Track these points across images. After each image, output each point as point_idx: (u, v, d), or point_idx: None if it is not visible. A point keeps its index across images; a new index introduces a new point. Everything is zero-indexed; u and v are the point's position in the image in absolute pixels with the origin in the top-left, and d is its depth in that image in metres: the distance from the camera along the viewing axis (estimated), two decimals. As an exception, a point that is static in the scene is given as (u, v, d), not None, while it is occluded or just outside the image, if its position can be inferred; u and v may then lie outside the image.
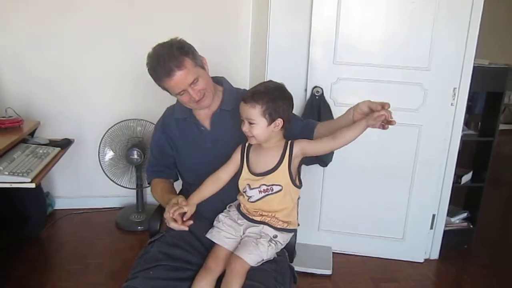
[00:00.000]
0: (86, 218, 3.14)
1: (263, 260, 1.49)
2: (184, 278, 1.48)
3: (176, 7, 2.98)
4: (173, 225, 1.47)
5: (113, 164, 2.95)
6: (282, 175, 1.49)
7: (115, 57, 3.02)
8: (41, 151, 2.39)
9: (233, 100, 1.67)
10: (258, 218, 1.53)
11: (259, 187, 1.50)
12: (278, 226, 1.53)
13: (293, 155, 1.49)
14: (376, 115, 1.38)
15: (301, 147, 1.50)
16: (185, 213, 1.48)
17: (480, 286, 2.56)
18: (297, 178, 1.53)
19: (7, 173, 2.07)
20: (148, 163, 1.88)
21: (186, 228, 1.47)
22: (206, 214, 1.67)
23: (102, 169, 2.93)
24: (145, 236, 2.85)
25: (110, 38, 2.99)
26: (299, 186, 1.54)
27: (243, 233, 1.54)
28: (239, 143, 1.58)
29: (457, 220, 2.91)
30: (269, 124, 1.45)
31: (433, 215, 2.71)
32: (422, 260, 2.75)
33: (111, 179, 2.96)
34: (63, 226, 3.05)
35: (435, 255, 2.79)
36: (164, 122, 1.78)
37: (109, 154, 2.94)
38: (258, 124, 1.45)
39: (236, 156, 1.56)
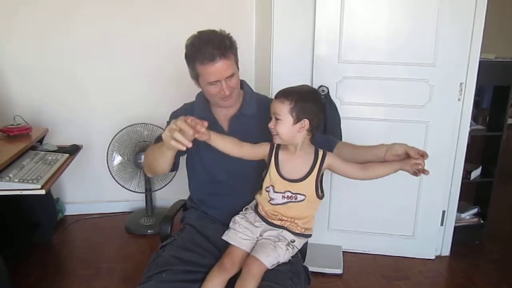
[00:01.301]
0: (96, 223, 3.16)
1: (279, 262, 1.49)
2: (196, 280, 1.48)
3: (180, 12, 3.00)
4: (177, 135, 1.29)
5: (121, 169, 2.96)
6: (309, 186, 1.48)
7: (120, 62, 3.05)
8: (50, 158, 2.41)
9: (253, 105, 1.70)
10: (277, 222, 1.52)
11: (284, 192, 1.48)
12: (297, 231, 1.53)
13: (323, 167, 1.48)
14: (413, 162, 1.42)
15: (332, 162, 1.49)
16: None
17: (492, 282, 2.54)
18: (319, 188, 1.51)
19: (17, 180, 2.08)
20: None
21: (189, 145, 1.30)
22: (219, 217, 1.67)
23: (111, 174, 2.94)
24: (155, 239, 2.88)
25: (115, 44, 3.01)
26: (321, 197, 1.52)
27: (260, 235, 1.54)
28: None
29: (468, 215, 2.89)
30: (295, 123, 1.43)
31: (443, 212, 2.70)
32: (433, 257, 2.74)
33: (120, 184, 2.97)
34: (73, 232, 3.07)
35: (446, 251, 2.78)
36: (182, 113, 1.59)
37: (117, 159, 2.95)
38: (284, 121, 1.42)
39: (264, 147, 1.52)
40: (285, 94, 1.44)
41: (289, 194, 1.48)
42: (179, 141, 1.29)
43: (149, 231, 3.00)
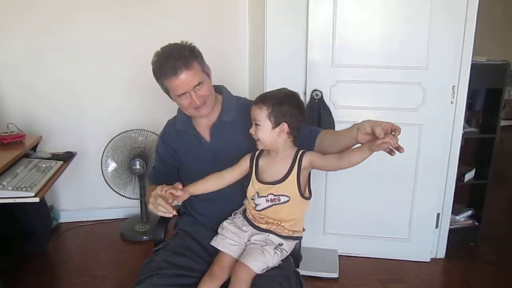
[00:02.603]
0: (91, 230, 3.14)
1: (268, 267, 1.49)
2: (187, 284, 1.49)
3: (173, 20, 2.99)
4: (160, 202, 1.42)
5: (116, 175, 2.96)
6: (290, 186, 1.47)
7: (113, 69, 3.04)
8: (44, 165, 2.39)
9: (232, 110, 1.69)
10: (264, 226, 1.52)
11: (267, 196, 1.49)
12: (284, 234, 1.52)
13: (302, 166, 1.47)
14: (379, 142, 1.28)
15: (310, 160, 1.48)
16: (174, 198, 1.46)
17: (488, 283, 2.55)
18: (306, 189, 1.52)
19: (10, 188, 2.07)
20: (150, 173, 1.89)
21: (173, 213, 1.44)
22: (210, 223, 1.67)
23: (105, 180, 2.93)
24: (151, 245, 2.84)
25: (108, 50, 3.01)
26: (308, 197, 1.52)
27: (248, 240, 1.54)
28: (240, 155, 1.57)
29: (462, 218, 2.90)
30: (274, 127, 1.44)
31: (438, 214, 2.71)
32: (428, 260, 2.74)
33: (114, 190, 2.96)
34: (68, 239, 3.05)
35: (441, 254, 2.78)
36: (166, 134, 1.78)
37: (112, 165, 2.94)
38: (263, 127, 1.44)
39: (245, 162, 1.55)
40: (263, 99, 1.46)
41: (272, 197, 1.48)
42: (164, 212, 1.42)
43: (144, 237, 2.99)
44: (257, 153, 1.55)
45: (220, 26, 3.09)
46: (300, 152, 1.49)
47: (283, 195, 1.47)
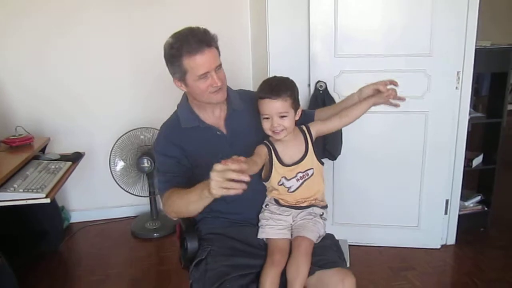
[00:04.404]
0: (102, 229, 3.17)
1: (320, 236, 1.59)
2: (252, 281, 1.49)
3: (175, 16, 2.98)
4: (232, 175, 1.18)
5: (124, 174, 2.98)
6: (311, 159, 1.57)
7: (117, 69, 3.06)
8: (53, 167, 2.42)
9: (238, 100, 1.69)
10: (305, 204, 1.60)
11: (296, 175, 1.56)
12: (321, 205, 1.63)
13: (313, 137, 1.59)
14: (385, 94, 1.57)
15: (317, 129, 1.60)
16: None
17: (499, 268, 2.55)
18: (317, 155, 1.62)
19: (21, 190, 2.10)
20: (161, 181, 1.61)
21: (244, 187, 1.19)
22: (249, 219, 1.65)
23: (114, 179, 2.96)
24: (162, 243, 2.91)
25: (112, 50, 3.02)
26: (323, 163, 1.63)
27: (293, 221, 1.60)
28: (252, 144, 1.56)
29: (471, 203, 2.90)
30: (295, 114, 1.54)
31: (447, 201, 2.71)
32: (439, 246, 2.75)
33: (123, 189, 2.99)
34: (80, 239, 3.09)
35: (451, 240, 2.78)
36: (172, 135, 1.62)
37: (120, 164, 2.97)
38: (289, 117, 1.51)
39: (263, 151, 1.54)
40: (281, 91, 1.49)
41: (301, 175, 1.56)
42: (233, 188, 1.19)
43: (155, 234, 3.02)
44: (268, 142, 1.57)
45: (222, 20, 3.08)
46: (305, 127, 1.61)
47: (309, 169, 1.57)
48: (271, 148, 1.56)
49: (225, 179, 1.18)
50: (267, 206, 1.63)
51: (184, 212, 1.51)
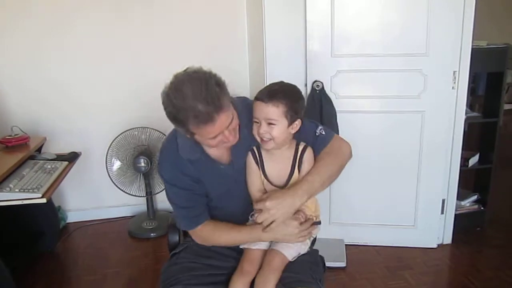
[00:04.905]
0: (99, 229, 3.17)
1: (299, 253, 1.50)
2: (220, 282, 1.47)
3: (172, 16, 2.99)
4: (306, 226, 1.46)
5: (121, 174, 2.97)
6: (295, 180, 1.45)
7: (113, 69, 3.05)
8: (49, 166, 2.41)
9: (242, 114, 1.43)
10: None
11: None
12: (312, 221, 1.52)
13: (302, 164, 1.45)
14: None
15: (306, 159, 1.45)
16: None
17: (495, 267, 2.55)
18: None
19: (17, 190, 2.09)
20: (184, 217, 1.53)
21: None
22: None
23: (111, 179, 2.95)
24: (159, 242, 2.90)
25: (108, 50, 3.01)
26: None
27: None
28: None
29: (468, 203, 2.91)
30: (289, 125, 1.39)
31: (443, 200, 2.71)
32: (435, 246, 2.75)
33: (120, 189, 2.98)
34: (77, 239, 3.08)
35: (448, 239, 2.79)
36: (177, 164, 1.46)
37: (117, 164, 2.96)
38: (278, 125, 1.37)
39: (254, 166, 1.47)
40: (276, 96, 1.36)
41: None
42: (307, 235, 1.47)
43: (152, 234, 3.01)
44: (257, 152, 1.47)
45: (219, 23, 3.08)
46: (301, 148, 1.46)
47: None
48: (258, 159, 1.46)
49: (300, 230, 1.43)
50: (252, 216, 1.52)
51: (223, 244, 1.56)
